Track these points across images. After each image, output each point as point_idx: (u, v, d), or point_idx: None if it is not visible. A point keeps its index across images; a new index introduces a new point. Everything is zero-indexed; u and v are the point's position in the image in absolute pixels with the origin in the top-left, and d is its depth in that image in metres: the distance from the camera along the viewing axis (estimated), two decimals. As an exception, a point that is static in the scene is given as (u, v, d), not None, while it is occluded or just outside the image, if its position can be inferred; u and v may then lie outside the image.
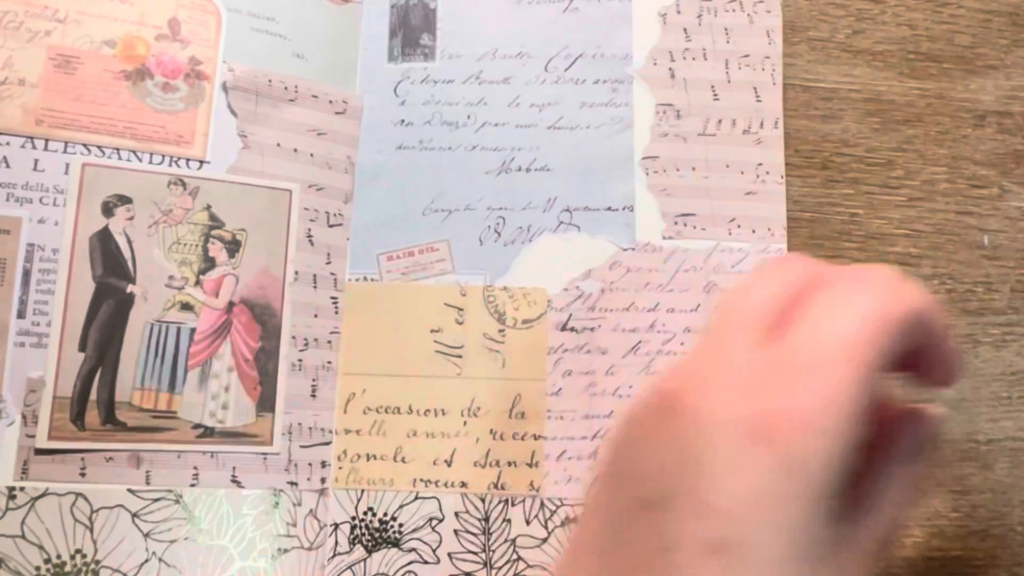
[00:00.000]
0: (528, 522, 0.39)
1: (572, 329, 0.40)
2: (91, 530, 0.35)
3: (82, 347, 0.36)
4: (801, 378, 0.23)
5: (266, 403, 0.38)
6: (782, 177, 0.41)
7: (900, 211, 0.35)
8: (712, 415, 0.23)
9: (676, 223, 0.41)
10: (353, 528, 0.38)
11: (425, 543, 0.38)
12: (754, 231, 0.41)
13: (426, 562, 0.38)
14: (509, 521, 0.38)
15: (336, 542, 0.38)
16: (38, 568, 0.35)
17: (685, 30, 0.42)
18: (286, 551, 0.37)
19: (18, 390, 0.35)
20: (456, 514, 0.38)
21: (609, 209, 0.41)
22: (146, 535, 0.36)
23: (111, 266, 0.37)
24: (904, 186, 0.42)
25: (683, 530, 0.22)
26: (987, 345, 0.41)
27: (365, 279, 0.41)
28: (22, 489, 0.35)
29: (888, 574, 0.39)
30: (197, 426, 0.37)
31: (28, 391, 0.36)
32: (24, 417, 0.35)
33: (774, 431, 0.22)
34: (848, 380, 0.22)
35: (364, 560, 0.38)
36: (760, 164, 0.41)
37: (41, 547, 0.35)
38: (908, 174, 0.42)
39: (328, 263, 0.40)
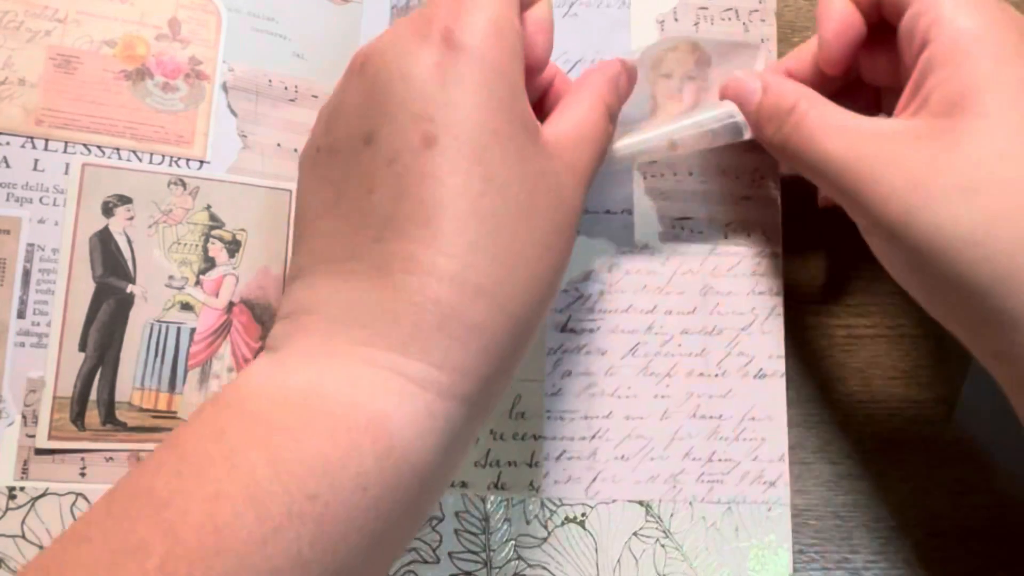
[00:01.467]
0: (528, 522, 0.39)
1: (572, 330, 0.40)
2: (91, 530, 0.35)
3: (82, 347, 0.36)
4: None
5: (266, 403, 0.38)
6: (777, 183, 0.41)
7: (900, 211, 0.35)
8: (391, 43, 0.28)
9: (674, 227, 0.41)
10: (353, 528, 0.38)
11: (425, 543, 0.38)
12: (750, 235, 0.41)
13: (426, 561, 0.38)
14: (509, 521, 0.39)
15: (336, 542, 0.38)
16: (38, 568, 0.35)
17: (682, 36, 0.42)
18: (286, 551, 0.37)
19: (18, 390, 0.35)
20: (456, 514, 0.39)
21: (608, 212, 0.41)
22: (146, 535, 0.36)
23: (111, 266, 0.37)
24: (904, 186, 0.42)
25: (398, 142, 0.27)
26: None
27: (365, 279, 0.41)
28: (22, 489, 0.35)
29: (888, 574, 0.39)
30: (197, 426, 0.37)
31: (28, 391, 0.36)
32: (24, 417, 0.35)
33: (436, 29, 0.28)
34: None
35: (364, 560, 0.38)
36: (756, 169, 0.41)
37: (41, 547, 0.35)
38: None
39: (328, 263, 0.40)
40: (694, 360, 0.40)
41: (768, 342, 0.40)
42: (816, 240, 0.42)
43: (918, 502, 0.40)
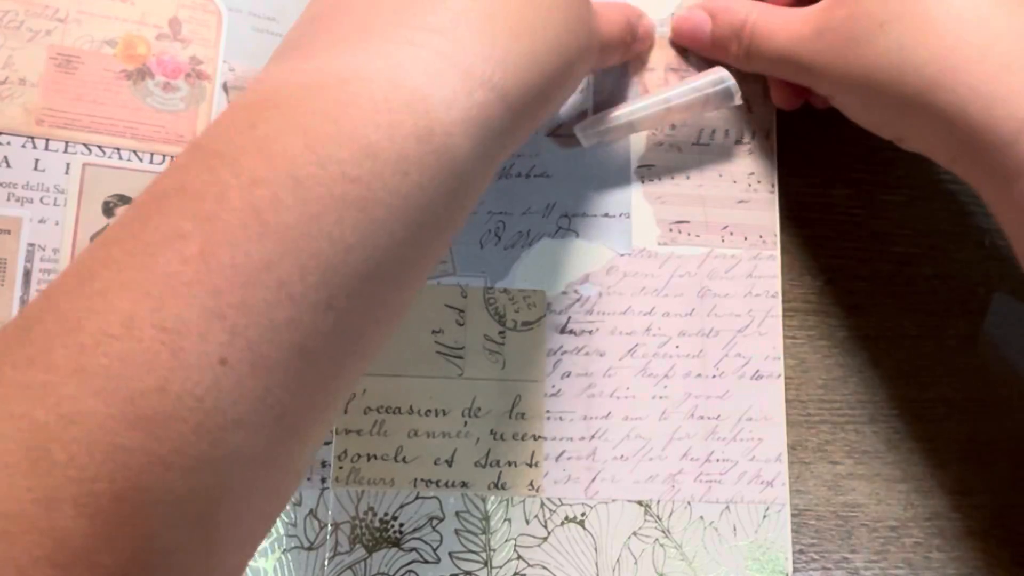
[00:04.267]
0: (528, 522, 0.39)
1: (571, 332, 0.40)
2: (92, 530, 0.35)
3: (83, 347, 0.36)
4: None
5: (267, 403, 0.38)
6: (773, 186, 0.42)
7: (900, 211, 0.35)
8: None
9: (671, 230, 0.41)
10: (353, 528, 0.38)
11: (426, 543, 0.38)
12: (746, 238, 0.41)
13: (426, 561, 0.38)
14: (509, 520, 0.39)
15: (336, 542, 0.38)
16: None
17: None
18: (286, 551, 0.37)
19: (19, 390, 0.36)
20: (457, 514, 0.39)
21: (606, 215, 0.41)
22: (147, 534, 0.36)
23: (112, 266, 0.37)
24: (904, 186, 0.42)
25: None
26: (988, 345, 0.41)
27: (365, 279, 0.41)
28: (24, 489, 0.35)
29: (888, 574, 0.39)
30: (198, 426, 0.37)
31: (29, 391, 0.36)
32: (25, 417, 0.35)
33: None
34: None
35: (364, 560, 0.38)
36: (752, 173, 0.42)
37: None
38: (908, 174, 0.42)
39: (328, 263, 0.40)
40: (692, 361, 0.40)
41: (765, 343, 0.40)
42: (815, 241, 0.42)
43: (918, 502, 0.40)
